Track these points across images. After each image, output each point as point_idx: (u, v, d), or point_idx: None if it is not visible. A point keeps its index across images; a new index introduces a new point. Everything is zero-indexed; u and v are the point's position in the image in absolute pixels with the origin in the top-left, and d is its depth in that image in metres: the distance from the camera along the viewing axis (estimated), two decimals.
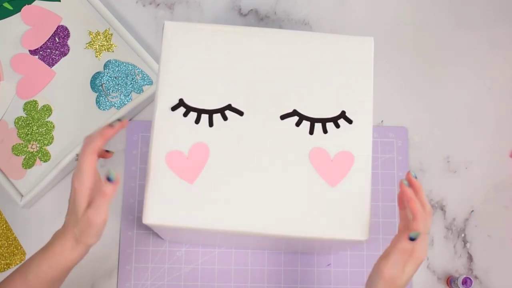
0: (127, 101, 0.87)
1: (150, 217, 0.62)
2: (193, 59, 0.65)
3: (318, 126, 0.64)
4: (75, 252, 0.62)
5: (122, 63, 0.88)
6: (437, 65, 0.93)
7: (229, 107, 0.64)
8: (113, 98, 0.87)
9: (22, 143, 0.85)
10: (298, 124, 0.64)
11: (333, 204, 0.62)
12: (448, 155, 0.90)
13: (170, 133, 0.63)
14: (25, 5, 0.89)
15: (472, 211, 0.89)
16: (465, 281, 0.81)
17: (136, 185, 0.87)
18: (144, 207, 0.62)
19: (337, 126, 0.64)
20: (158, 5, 0.95)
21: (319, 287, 0.85)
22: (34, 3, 0.89)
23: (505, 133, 0.91)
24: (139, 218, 0.87)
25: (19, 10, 0.89)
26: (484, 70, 0.93)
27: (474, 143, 0.91)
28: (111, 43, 0.89)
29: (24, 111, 0.86)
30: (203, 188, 0.62)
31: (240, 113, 0.64)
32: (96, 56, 0.89)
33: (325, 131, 0.64)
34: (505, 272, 0.87)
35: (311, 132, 0.64)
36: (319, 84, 0.65)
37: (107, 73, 0.88)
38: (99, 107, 0.87)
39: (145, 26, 0.93)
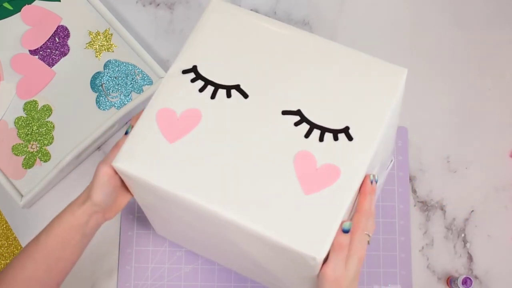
0: (127, 101, 0.87)
1: (120, 162, 0.61)
2: (223, 38, 0.65)
3: (316, 132, 0.62)
4: (81, 208, 0.64)
5: (122, 63, 0.88)
6: (437, 65, 0.93)
7: (236, 87, 0.63)
8: (113, 98, 0.87)
9: (22, 143, 0.85)
10: (297, 124, 0.62)
11: (299, 211, 0.58)
12: (448, 155, 0.90)
13: (172, 92, 0.63)
14: (25, 5, 0.89)
15: (472, 211, 0.89)
16: (465, 281, 0.81)
17: None
18: (119, 152, 0.61)
19: (336, 138, 0.61)
20: (158, 5, 0.95)
21: None
22: (34, 3, 0.89)
23: (505, 133, 0.91)
24: (139, 218, 0.87)
25: (19, 10, 0.89)
26: (484, 70, 0.93)
27: (474, 143, 0.91)
28: (111, 43, 0.89)
29: (24, 111, 0.86)
30: (180, 152, 0.61)
31: (245, 96, 0.63)
32: (96, 56, 0.89)
33: (321, 139, 0.61)
34: (505, 272, 0.87)
35: (307, 135, 0.61)
36: (334, 97, 0.62)
37: (107, 73, 0.88)
38: (99, 107, 0.87)
39: (145, 26, 0.93)
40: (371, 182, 0.61)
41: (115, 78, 0.88)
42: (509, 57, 0.94)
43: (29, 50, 0.88)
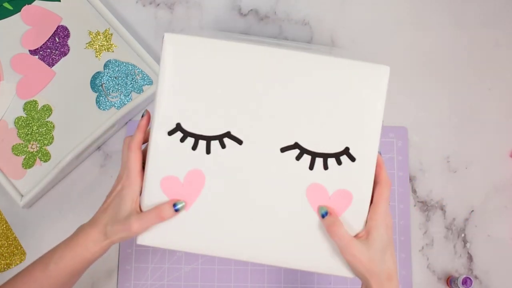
0: (127, 101, 0.87)
1: (145, 239, 0.63)
2: (193, 78, 0.61)
3: (319, 161, 0.62)
4: (98, 245, 0.63)
5: (122, 63, 0.88)
6: (437, 65, 0.93)
7: (228, 134, 0.62)
8: (113, 98, 0.87)
9: (22, 143, 0.85)
10: (298, 158, 0.62)
11: (324, 241, 0.62)
12: (448, 155, 0.90)
13: (166, 158, 0.62)
14: (25, 5, 0.89)
15: (472, 211, 0.89)
16: (465, 281, 0.81)
17: None
18: None
19: (339, 162, 0.62)
20: (158, 5, 0.95)
21: (319, 287, 0.85)
22: (34, 3, 0.89)
23: (505, 133, 0.91)
24: None
25: (19, 10, 0.89)
26: (484, 70, 0.93)
27: (474, 143, 0.91)
28: (111, 43, 0.89)
29: (24, 111, 0.86)
30: (197, 216, 0.62)
31: (239, 142, 0.62)
32: (96, 56, 0.89)
33: (326, 167, 0.62)
34: (505, 272, 0.87)
35: (311, 167, 0.62)
36: (325, 115, 0.61)
37: (107, 73, 0.88)
38: (99, 107, 0.87)
39: (145, 26, 0.93)
40: (380, 154, 0.63)
41: (115, 78, 0.88)
42: (509, 57, 0.94)
43: (29, 50, 0.88)
